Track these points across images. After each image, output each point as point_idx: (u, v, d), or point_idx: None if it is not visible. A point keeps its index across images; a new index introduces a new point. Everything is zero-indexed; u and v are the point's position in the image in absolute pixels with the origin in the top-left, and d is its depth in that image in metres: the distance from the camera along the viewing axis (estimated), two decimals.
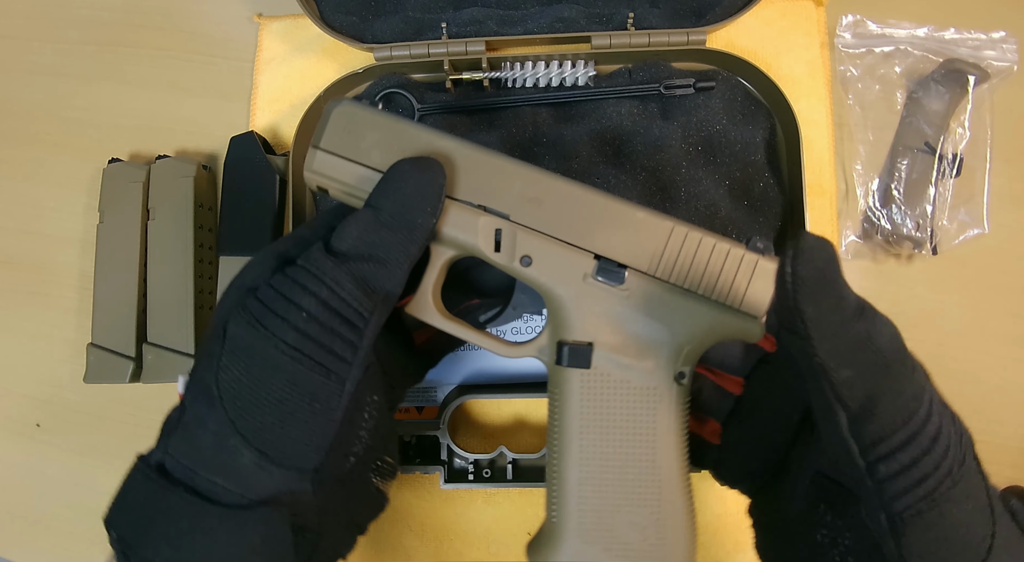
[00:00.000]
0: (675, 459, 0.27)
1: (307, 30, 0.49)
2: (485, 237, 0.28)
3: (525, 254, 0.28)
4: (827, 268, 0.22)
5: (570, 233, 0.28)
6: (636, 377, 0.27)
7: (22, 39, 0.54)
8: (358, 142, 0.29)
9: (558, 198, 0.28)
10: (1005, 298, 0.45)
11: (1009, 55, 0.45)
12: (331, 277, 0.24)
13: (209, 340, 0.26)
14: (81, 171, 0.51)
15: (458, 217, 0.28)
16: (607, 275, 0.28)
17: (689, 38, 0.44)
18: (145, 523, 0.24)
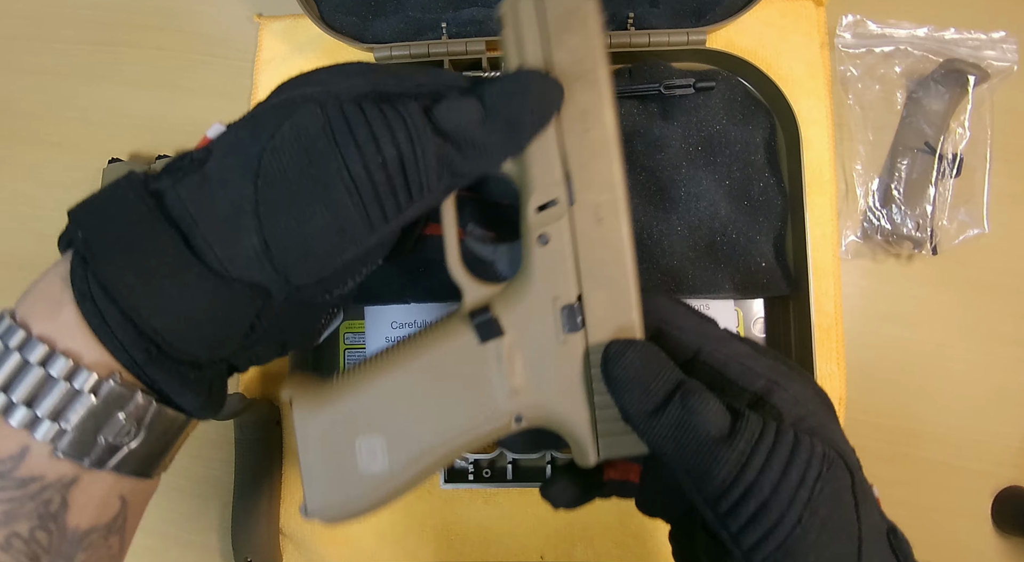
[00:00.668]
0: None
1: (307, 30, 0.49)
2: (542, 194, 0.26)
3: (546, 234, 0.26)
4: (633, 367, 0.24)
5: (586, 262, 0.27)
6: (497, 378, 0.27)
7: (22, 39, 0.54)
8: (560, 29, 0.26)
9: (608, 239, 0.26)
10: (1005, 298, 0.45)
11: (1009, 55, 0.45)
12: (421, 143, 0.23)
13: (268, 110, 0.25)
14: (81, 171, 0.51)
15: (544, 162, 0.26)
16: (570, 316, 0.26)
17: (689, 38, 0.44)
18: (119, 241, 0.23)
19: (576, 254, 0.26)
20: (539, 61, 0.26)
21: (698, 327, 0.26)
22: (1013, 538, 0.43)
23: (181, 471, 0.48)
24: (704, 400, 0.23)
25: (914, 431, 0.44)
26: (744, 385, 0.24)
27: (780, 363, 0.25)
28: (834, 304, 0.44)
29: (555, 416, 0.27)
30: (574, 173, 0.26)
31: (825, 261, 0.45)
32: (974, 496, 0.44)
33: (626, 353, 0.25)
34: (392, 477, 0.27)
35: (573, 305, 0.26)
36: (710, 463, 0.22)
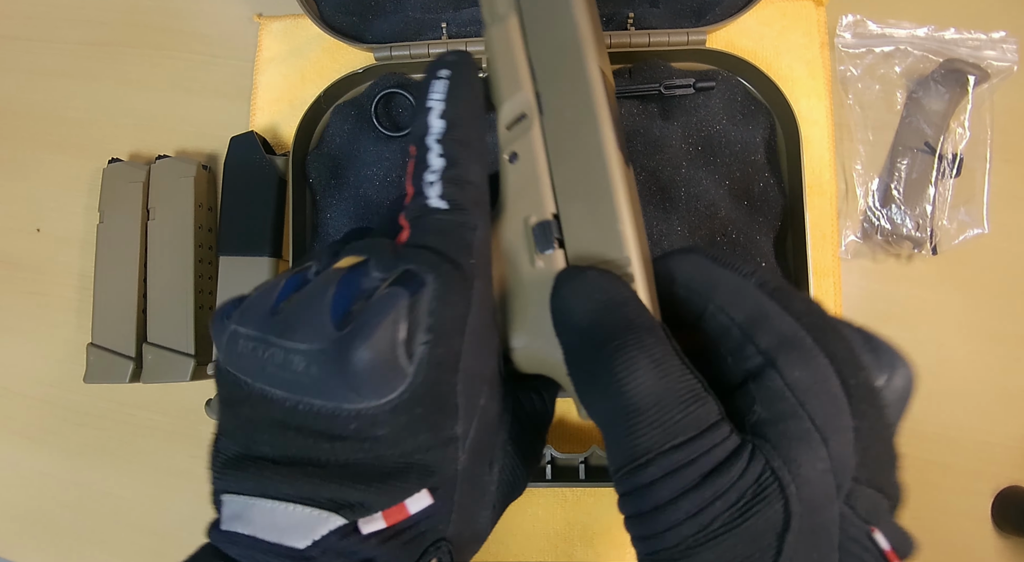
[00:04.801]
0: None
1: (307, 30, 0.49)
2: (510, 109, 0.24)
3: (516, 151, 0.24)
4: (574, 301, 0.21)
5: (560, 176, 0.23)
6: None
7: (22, 39, 0.54)
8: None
9: (583, 145, 0.23)
10: (1005, 298, 0.45)
11: (1009, 55, 0.45)
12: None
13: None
14: (81, 171, 0.51)
15: (509, 75, 0.24)
16: (542, 234, 0.23)
17: (689, 38, 0.44)
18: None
19: (551, 168, 0.23)
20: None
21: (708, 277, 0.20)
22: (1013, 538, 0.43)
23: (181, 471, 0.48)
24: (635, 364, 0.18)
25: (914, 431, 0.44)
26: (735, 365, 0.19)
27: (810, 330, 0.18)
28: (834, 304, 0.44)
29: (532, 351, 0.23)
30: (541, 81, 0.23)
31: (825, 261, 0.45)
32: (974, 496, 0.43)
33: (570, 280, 0.21)
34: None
35: (546, 222, 0.23)
36: (618, 437, 0.18)
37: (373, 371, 0.18)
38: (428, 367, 0.19)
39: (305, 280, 0.21)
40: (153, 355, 0.44)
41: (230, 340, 0.20)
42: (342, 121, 0.46)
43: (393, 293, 0.19)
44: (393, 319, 0.18)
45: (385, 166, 0.45)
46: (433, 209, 0.22)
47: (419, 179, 0.22)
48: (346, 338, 0.18)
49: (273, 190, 0.45)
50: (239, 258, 0.45)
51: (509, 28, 0.24)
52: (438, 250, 0.21)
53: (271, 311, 0.20)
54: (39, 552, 0.49)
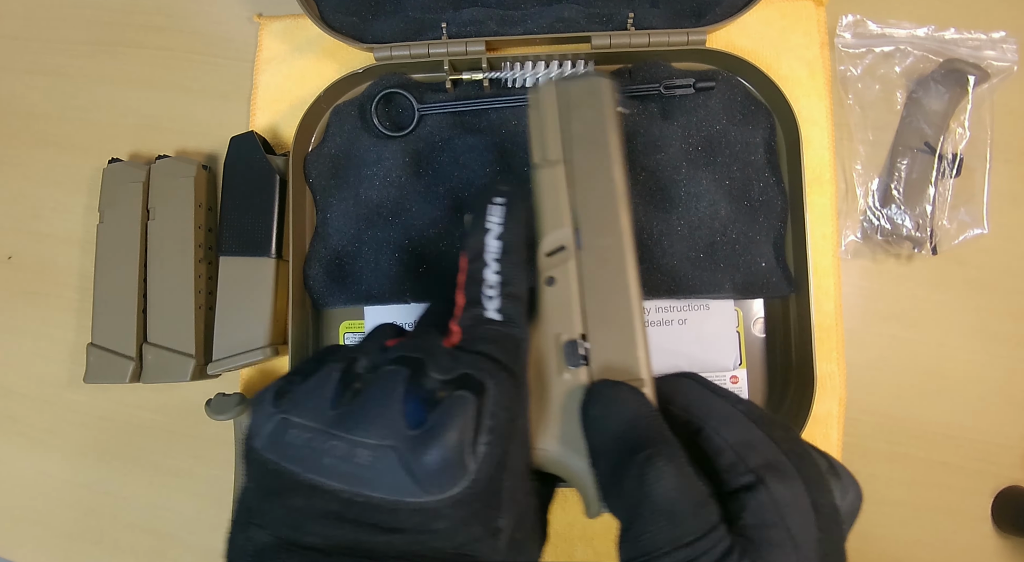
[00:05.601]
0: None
1: (307, 30, 0.49)
2: (551, 241, 0.28)
3: (554, 276, 0.28)
4: (609, 410, 0.24)
5: (591, 303, 0.28)
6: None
7: (22, 39, 0.54)
8: (577, 105, 0.30)
9: (612, 279, 0.28)
10: (1005, 298, 0.45)
11: (1009, 55, 0.45)
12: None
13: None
14: (81, 171, 0.51)
15: (554, 213, 0.28)
16: (570, 351, 0.27)
17: (689, 38, 0.44)
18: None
19: (582, 295, 0.27)
20: (553, 132, 0.30)
21: (703, 404, 0.24)
22: (1013, 538, 0.43)
23: (181, 471, 0.48)
24: (662, 473, 0.21)
25: (914, 431, 0.44)
26: (728, 479, 0.22)
27: (789, 456, 0.22)
28: (834, 304, 0.44)
29: (555, 455, 0.26)
30: (582, 222, 0.28)
31: (825, 261, 0.45)
32: (974, 496, 0.44)
33: (605, 393, 0.24)
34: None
35: (575, 340, 0.27)
36: (638, 532, 0.21)
37: (444, 468, 0.20)
38: (487, 465, 0.20)
39: (355, 374, 0.22)
40: (153, 355, 0.44)
41: (278, 429, 0.21)
42: (342, 121, 0.46)
43: (463, 397, 0.21)
44: (464, 422, 0.20)
45: (385, 166, 0.45)
46: (488, 320, 0.24)
47: (475, 292, 0.25)
48: (422, 437, 0.20)
49: (273, 190, 0.45)
50: (239, 258, 0.45)
51: (557, 173, 0.29)
52: (494, 357, 0.23)
53: (331, 404, 0.21)
54: (39, 552, 0.49)
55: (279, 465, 0.20)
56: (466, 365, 0.22)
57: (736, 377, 0.44)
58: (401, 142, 0.46)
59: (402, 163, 0.45)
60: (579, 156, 0.29)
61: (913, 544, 0.44)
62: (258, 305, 0.44)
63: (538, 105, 0.31)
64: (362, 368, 0.23)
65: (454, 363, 0.22)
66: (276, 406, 0.21)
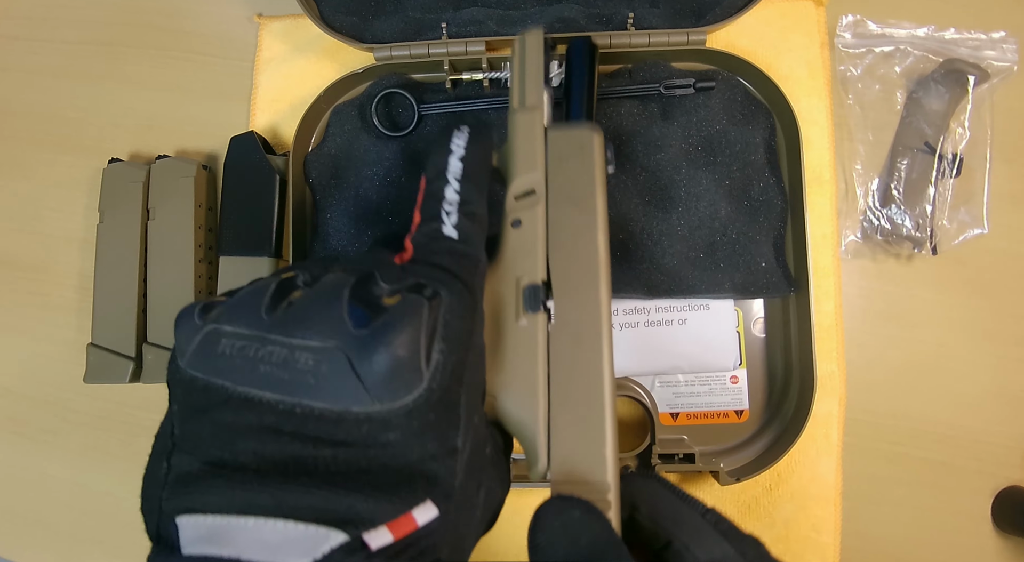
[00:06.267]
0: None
1: (307, 30, 0.49)
2: (525, 182, 0.27)
3: (519, 219, 0.27)
4: (556, 542, 0.21)
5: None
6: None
7: (22, 39, 0.54)
8: (563, 156, 0.28)
9: (585, 355, 0.25)
10: (1005, 298, 0.45)
11: (1009, 55, 0.45)
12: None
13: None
14: (81, 171, 0.51)
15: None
16: (532, 295, 0.25)
17: (689, 38, 0.44)
18: None
19: (547, 242, 0.26)
20: (534, 78, 0.29)
21: (673, 515, 0.22)
22: (1013, 538, 0.43)
23: None
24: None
25: (914, 431, 0.44)
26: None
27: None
28: (834, 304, 0.44)
29: (504, 403, 0.24)
30: (557, 290, 0.26)
31: (825, 261, 0.45)
32: (974, 496, 0.44)
33: (557, 517, 0.21)
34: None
35: (536, 285, 0.25)
36: None
37: (395, 372, 0.18)
38: (442, 374, 0.19)
39: (294, 285, 0.20)
40: (153, 355, 0.44)
41: (206, 340, 0.19)
42: (342, 121, 0.46)
43: (416, 299, 0.19)
44: (416, 323, 0.18)
45: (385, 166, 0.45)
46: (445, 236, 0.22)
47: (433, 208, 0.23)
48: (370, 337, 0.18)
49: (273, 190, 0.45)
50: (239, 258, 0.45)
51: (535, 119, 0.29)
52: (448, 269, 0.21)
53: (267, 309, 0.19)
54: (39, 552, 0.49)
55: (208, 381, 0.18)
56: (418, 275, 0.20)
57: (736, 377, 0.44)
58: (401, 142, 0.46)
59: (402, 163, 0.45)
60: (560, 217, 0.27)
61: (913, 544, 0.44)
62: None
63: (522, 51, 0.30)
64: (302, 281, 0.20)
65: (404, 274, 0.20)
66: (203, 318, 0.19)
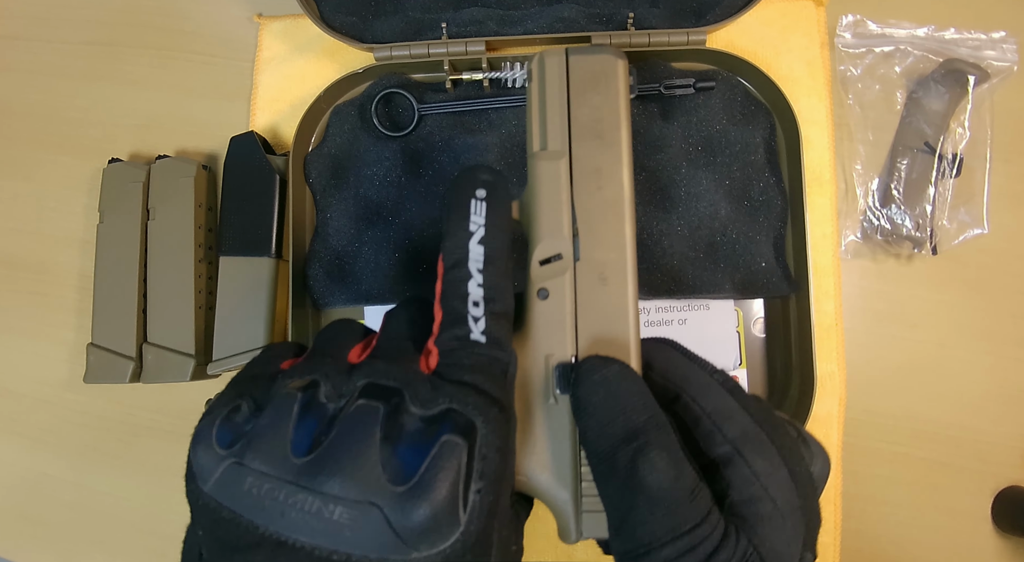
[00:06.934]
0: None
1: (307, 30, 0.49)
2: (546, 247, 0.25)
3: (547, 288, 0.25)
4: (602, 391, 0.22)
5: (585, 323, 0.25)
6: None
7: (22, 39, 0.54)
8: (584, 88, 0.26)
9: (611, 301, 0.25)
10: (1005, 298, 0.45)
11: (1009, 55, 0.45)
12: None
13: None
14: (81, 171, 0.51)
15: (552, 216, 0.25)
16: (562, 376, 0.24)
17: (689, 38, 0.44)
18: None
19: (576, 313, 0.25)
20: (558, 116, 0.26)
21: (681, 372, 0.23)
22: (1013, 538, 0.43)
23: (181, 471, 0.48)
24: (656, 463, 0.20)
25: (914, 431, 0.44)
26: (705, 448, 0.22)
27: (763, 427, 0.22)
28: (834, 304, 0.44)
29: (537, 484, 0.24)
30: (582, 230, 0.25)
31: (825, 261, 0.45)
32: (974, 496, 0.44)
33: (599, 372, 0.22)
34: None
35: (568, 364, 0.24)
36: (634, 523, 0.20)
37: (433, 525, 0.18)
38: (479, 515, 0.19)
39: (318, 404, 0.20)
40: (153, 355, 0.44)
41: (230, 474, 0.19)
42: (342, 121, 0.46)
43: (453, 444, 0.19)
44: (456, 475, 0.18)
45: (385, 166, 0.45)
46: (473, 342, 0.21)
47: (459, 308, 0.22)
48: (409, 495, 0.18)
49: (273, 190, 0.45)
50: (239, 258, 0.45)
51: (559, 168, 0.25)
52: (481, 389, 0.20)
53: (295, 449, 0.19)
54: (39, 552, 0.49)
55: (236, 515, 0.18)
56: (450, 398, 0.20)
57: (736, 377, 0.44)
58: (401, 142, 0.46)
59: (402, 163, 0.45)
60: (583, 151, 0.26)
61: (913, 544, 0.44)
62: (258, 305, 0.44)
63: (541, 78, 0.26)
64: (325, 397, 0.20)
65: (435, 395, 0.20)
66: (225, 446, 0.19)
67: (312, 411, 0.20)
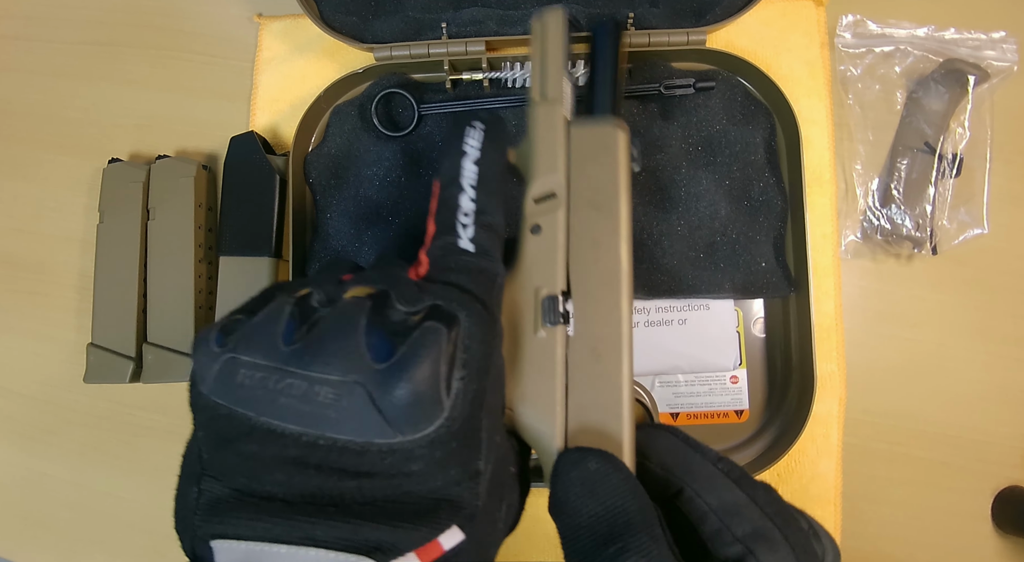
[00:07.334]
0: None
1: (307, 30, 0.49)
2: (545, 184, 0.26)
3: (539, 225, 0.25)
4: (578, 492, 0.21)
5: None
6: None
7: (22, 39, 0.54)
8: (585, 157, 0.27)
9: (606, 375, 0.24)
10: (1005, 298, 0.45)
11: (1009, 55, 0.45)
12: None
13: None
14: (81, 171, 0.51)
15: (549, 147, 0.26)
16: (550, 306, 0.24)
17: (689, 38, 0.44)
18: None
19: (568, 251, 0.25)
20: (555, 68, 0.27)
21: (684, 463, 0.22)
22: (1013, 538, 0.43)
23: None
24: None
25: (914, 431, 0.44)
26: (713, 548, 0.21)
27: (774, 521, 0.21)
28: (834, 304, 0.44)
29: (522, 416, 0.24)
30: (578, 303, 0.25)
31: (825, 261, 0.45)
32: (974, 496, 0.44)
33: (577, 468, 0.21)
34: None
35: (555, 297, 0.25)
36: None
37: (415, 405, 0.18)
38: (463, 402, 0.19)
39: (309, 307, 0.20)
40: (153, 355, 0.44)
41: (225, 369, 0.19)
42: (342, 121, 0.46)
43: (434, 328, 0.19)
44: (436, 353, 0.18)
45: (385, 166, 0.45)
46: (462, 250, 0.22)
47: (449, 219, 0.22)
48: (390, 371, 0.18)
49: (273, 190, 0.45)
50: (239, 258, 0.45)
51: (555, 112, 0.27)
52: (466, 288, 0.21)
53: (285, 339, 0.19)
54: (39, 552, 0.49)
55: (230, 409, 0.19)
56: (435, 296, 0.20)
57: (736, 377, 0.44)
58: (401, 142, 0.46)
59: (402, 163, 0.45)
60: (581, 222, 0.26)
61: (913, 544, 0.44)
62: None
63: (543, 35, 0.27)
64: (317, 302, 0.20)
65: (421, 294, 0.20)
66: (221, 345, 0.19)
67: (303, 311, 0.20)
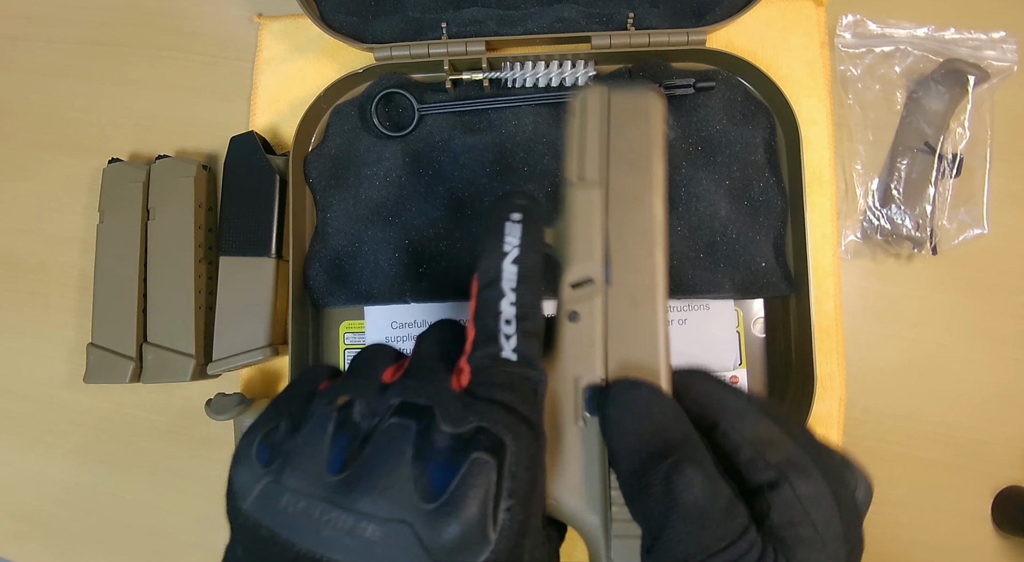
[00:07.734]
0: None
1: (307, 30, 0.49)
2: (578, 271, 0.26)
3: (578, 311, 0.25)
4: (632, 411, 0.22)
5: (615, 346, 0.25)
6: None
7: (22, 39, 0.54)
8: (622, 121, 0.27)
9: (642, 324, 0.25)
10: (1005, 298, 0.45)
11: (1009, 55, 0.45)
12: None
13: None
14: (81, 171, 0.51)
15: (585, 240, 0.26)
16: (591, 399, 0.24)
17: (689, 38, 0.44)
18: None
19: (606, 336, 0.25)
20: (597, 149, 0.27)
21: (718, 400, 0.23)
22: (1013, 538, 0.43)
23: (181, 471, 0.48)
24: (691, 479, 0.20)
25: (914, 431, 0.44)
26: (747, 476, 0.21)
27: (808, 451, 0.22)
28: (834, 304, 0.44)
29: (567, 508, 0.24)
30: (614, 255, 0.26)
31: (825, 261, 0.45)
32: (974, 496, 0.44)
33: (630, 392, 0.22)
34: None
35: (597, 387, 0.24)
36: (669, 541, 0.20)
37: (463, 544, 0.18)
38: (509, 534, 0.19)
39: (353, 423, 0.20)
40: (153, 355, 0.44)
41: (268, 492, 0.19)
42: (342, 121, 0.46)
43: (484, 462, 0.19)
44: (485, 493, 0.19)
45: (385, 166, 0.45)
46: (504, 360, 0.22)
47: (491, 327, 0.22)
48: (439, 512, 0.18)
49: (273, 190, 0.45)
50: (239, 258, 0.45)
51: (593, 197, 0.26)
52: (511, 407, 0.21)
53: (330, 467, 0.19)
54: (39, 552, 0.49)
55: (273, 533, 0.19)
56: (481, 416, 0.20)
57: (736, 377, 0.44)
58: (401, 142, 0.46)
59: (402, 163, 0.45)
60: (618, 180, 0.26)
61: (913, 544, 0.44)
62: (258, 305, 0.44)
63: (582, 113, 0.28)
64: (360, 415, 0.21)
65: (466, 413, 0.20)
66: (264, 465, 0.20)
67: (347, 429, 0.20)
